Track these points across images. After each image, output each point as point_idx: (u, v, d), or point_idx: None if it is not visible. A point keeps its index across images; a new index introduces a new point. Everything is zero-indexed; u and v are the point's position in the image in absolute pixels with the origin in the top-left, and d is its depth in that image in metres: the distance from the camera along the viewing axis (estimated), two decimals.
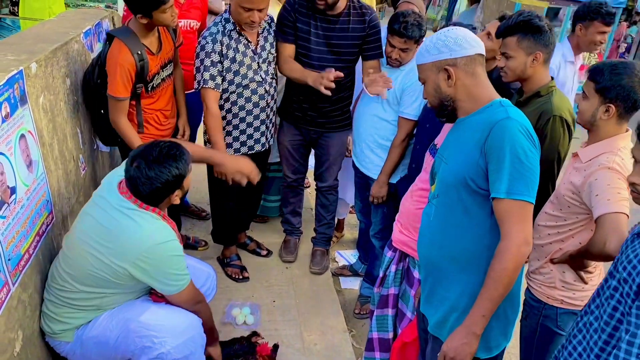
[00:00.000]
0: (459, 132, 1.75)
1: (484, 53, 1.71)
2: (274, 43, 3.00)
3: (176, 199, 2.13)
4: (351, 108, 3.25)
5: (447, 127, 2.21)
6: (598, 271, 2.02)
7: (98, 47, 3.12)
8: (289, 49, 2.97)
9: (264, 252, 3.63)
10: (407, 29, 2.64)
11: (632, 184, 1.41)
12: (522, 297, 2.17)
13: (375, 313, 2.47)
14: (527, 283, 2.18)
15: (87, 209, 2.14)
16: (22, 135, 2.06)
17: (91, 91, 2.73)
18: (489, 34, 2.53)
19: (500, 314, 1.69)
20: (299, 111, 3.15)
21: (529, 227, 1.59)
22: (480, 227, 1.67)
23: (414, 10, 2.87)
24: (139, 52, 2.56)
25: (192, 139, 3.56)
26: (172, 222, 2.16)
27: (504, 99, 1.71)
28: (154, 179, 1.98)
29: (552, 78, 2.27)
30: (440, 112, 1.78)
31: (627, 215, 1.71)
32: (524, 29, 2.17)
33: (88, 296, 2.10)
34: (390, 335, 2.40)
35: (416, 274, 2.21)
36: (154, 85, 2.74)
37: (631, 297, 1.25)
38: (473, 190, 1.64)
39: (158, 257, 2.03)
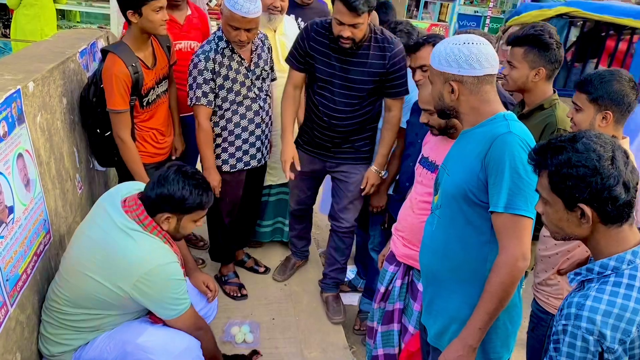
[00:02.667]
0: (462, 143, 1.75)
1: (495, 73, 1.69)
2: (268, 60, 3.02)
3: (166, 223, 2.10)
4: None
5: (434, 138, 2.23)
6: None
7: (93, 67, 3.13)
8: (296, 77, 2.91)
9: (262, 269, 3.60)
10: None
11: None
12: (529, 309, 2.18)
13: (379, 330, 2.42)
14: (534, 295, 2.17)
15: (85, 229, 2.12)
16: (20, 155, 2.05)
17: (87, 110, 2.72)
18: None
19: (499, 326, 1.69)
20: (315, 138, 2.98)
21: (526, 242, 1.59)
22: (481, 239, 1.68)
23: None
24: (134, 65, 2.56)
25: (193, 158, 3.53)
26: (175, 247, 2.15)
27: (508, 112, 1.71)
28: (173, 186, 2.02)
29: (555, 91, 2.29)
30: (440, 115, 1.82)
31: None
32: (532, 42, 2.20)
33: (87, 317, 2.07)
34: (396, 350, 2.37)
35: (420, 286, 2.20)
36: (149, 101, 2.74)
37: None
38: (474, 202, 1.65)
39: (158, 279, 2.01)
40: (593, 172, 1.20)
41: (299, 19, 3.66)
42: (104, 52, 2.62)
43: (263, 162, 3.18)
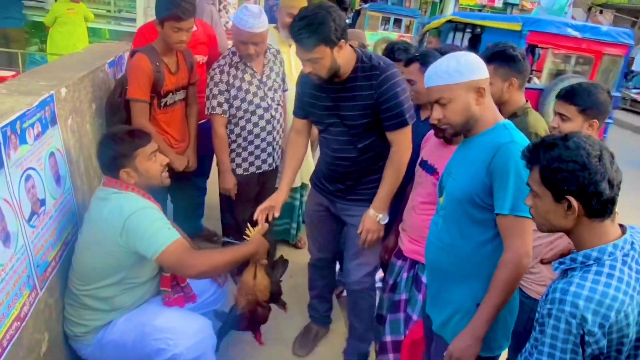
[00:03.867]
0: (466, 150, 1.70)
1: None
2: (280, 72, 2.99)
3: (129, 177, 1.98)
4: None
5: (432, 141, 2.18)
6: None
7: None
8: (297, 123, 2.47)
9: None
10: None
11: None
12: None
13: (388, 318, 2.35)
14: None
15: (85, 218, 2.07)
16: (52, 153, 2.02)
17: (113, 108, 2.66)
18: None
19: (501, 318, 1.66)
20: (323, 179, 2.47)
21: (529, 241, 1.57)
22: (484, 237, 1.65)
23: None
24: (157, 64, 2.54)
25: (206, 167, 3.46)
26: (153, 200, 2.07)
27: (507, 121, 1.68)
28: (103, 148, 2.00)
29: (527, 100, 2.28)
30: (461, 130, 1.69)
31: None
32: (499, 57, 2.19)
33: (97, 293, 2.00)
34: (402, 337, 2.30)
35: (424, 279, 2.16)
36: (167, 103, 2.70)
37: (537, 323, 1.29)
38: (479, 204, 1.62)
39: (137, 219, 1.89)
40: (582, 168, 1.18)
41: None
42: (134, 52, 2.61)
43: (274, 165, 3.14)
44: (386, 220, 2.31)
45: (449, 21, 7.57)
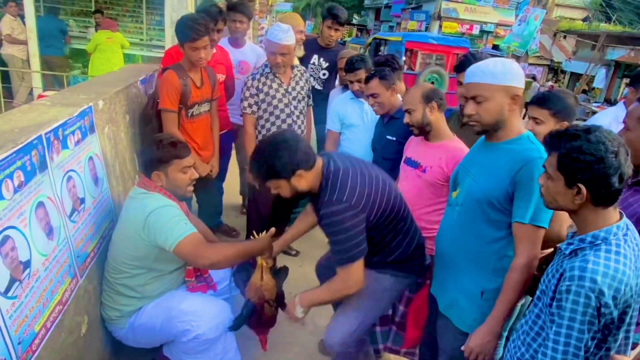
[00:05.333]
0: (490, 155, 1.58)
1: None
2: (304, 87, 3.01)
3: (159, 179, 1.92)
4: None
5: (414, 141, 2.12)
6: None
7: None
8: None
9: (293, 252, 3.34)
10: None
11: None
12: None
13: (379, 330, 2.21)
14: None
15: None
16: (91, 157, 1.97)
17: (146, 119, 2.63)
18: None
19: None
20: None
21: (539, 247, 1.51)
22: (496, 236, 1.57)
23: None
24: (184, 79, 2.53)
25: (223, 170, 3.40)
26: (176, 200, 1.99)
27: (530, 133, 1.58)
28: (147, 150, 1.94)
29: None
30: (488, 130, 1.56)
31: None
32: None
33: (128, 282, 1.94)
34: (390, 312, 2.20)
35: None
36: (193, 114, 2.67)
37: (547, 308, 1.24)
38: (496, 207, 1.53)
39: (157, 216, 1.83)
40: (598, 161, 1.13)
41: (321, 59, 3.64)
42: (165, 69, 2.60)
43: None
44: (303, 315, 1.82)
45: (375, 39, 10.49)
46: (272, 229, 2.04)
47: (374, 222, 1.66)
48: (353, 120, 2.82)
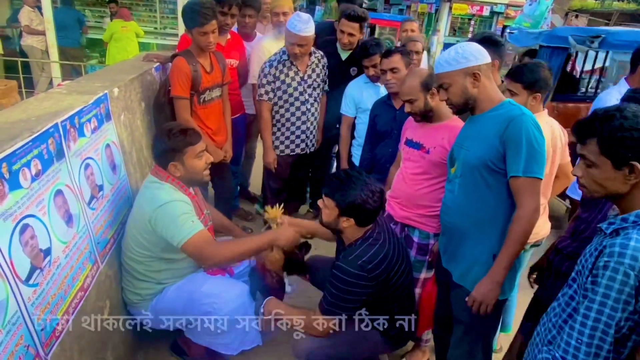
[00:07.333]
0: (478, 125, 1.64)
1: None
2: (321, 74, 2.94)
3: (176, 170, 1.87)
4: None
5: (414, 124, 2.06)
6: None
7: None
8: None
9: (309, 235, 3.31)
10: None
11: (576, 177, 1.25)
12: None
13: None
14: None
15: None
16: (108, 145, 1.93)
17: (159, 107, 2.56)
18: None
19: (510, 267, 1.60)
20: None
21: (538, 199, 1.53)
22: (498, 198, 1.59)
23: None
24: (194, 64, 2.45)
25: (238, 155, 3.35)
26: (188, 191, 1.94)
27: (510, 99, 1.66)
28: (160, 141, 1.87)
29: (503, 81, 2.19)
30: (462, 109, 1.66)
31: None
32: (487, 41, 2.12)
33: (142, 268, 1.91)
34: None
35: (415, 238, 2.07)
36: (205, 99, 2.60)
37: (582, 288, 1.15)
38: (493, 169, 1.56)
39: (165, 210, 1.79)
40: None
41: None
42: (174, 56, 2.51)
43: (307, 151, 3.08)
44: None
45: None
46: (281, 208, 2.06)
47: (373, 297, 1.74)
48: (368, 105, 2.72)
